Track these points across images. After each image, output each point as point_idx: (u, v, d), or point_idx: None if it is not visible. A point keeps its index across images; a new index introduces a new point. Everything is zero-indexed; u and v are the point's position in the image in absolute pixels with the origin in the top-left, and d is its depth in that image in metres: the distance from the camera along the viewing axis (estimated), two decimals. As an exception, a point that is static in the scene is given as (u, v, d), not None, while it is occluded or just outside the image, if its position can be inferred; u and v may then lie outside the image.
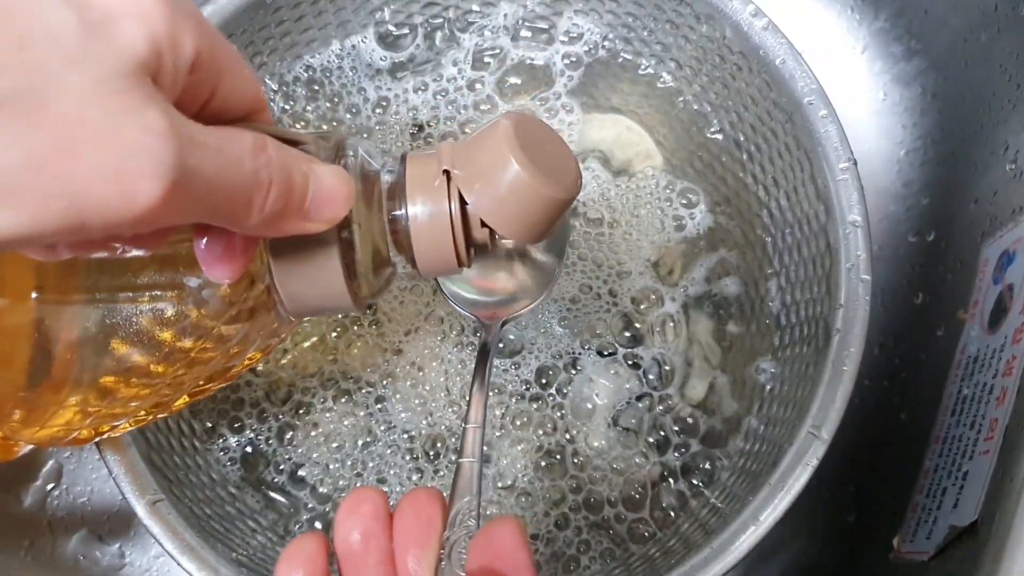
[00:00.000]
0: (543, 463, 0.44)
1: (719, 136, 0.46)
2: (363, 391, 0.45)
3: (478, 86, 0.47)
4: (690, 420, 0.44)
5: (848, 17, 0.51)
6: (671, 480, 0.43)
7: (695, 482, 0.43)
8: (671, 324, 0.45)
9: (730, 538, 0.37)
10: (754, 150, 0.44)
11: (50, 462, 0.50)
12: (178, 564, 0.38)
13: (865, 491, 0.47)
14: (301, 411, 0.45)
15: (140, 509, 0.38)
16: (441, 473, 0.44)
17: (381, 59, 0.47)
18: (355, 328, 0.45)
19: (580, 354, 0.45)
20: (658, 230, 0.46)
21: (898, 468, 0.43)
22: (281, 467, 0.44)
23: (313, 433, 0.44)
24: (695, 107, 0.46)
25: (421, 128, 0.47)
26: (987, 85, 0.44)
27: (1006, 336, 0.37)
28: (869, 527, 0.45)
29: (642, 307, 0.45)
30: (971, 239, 0.43)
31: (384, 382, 0.45)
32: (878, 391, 0.47)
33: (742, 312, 0.45)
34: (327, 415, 0.45)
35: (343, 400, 0.45)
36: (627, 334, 0.45)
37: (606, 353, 0.45)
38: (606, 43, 0.47)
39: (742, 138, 0.45)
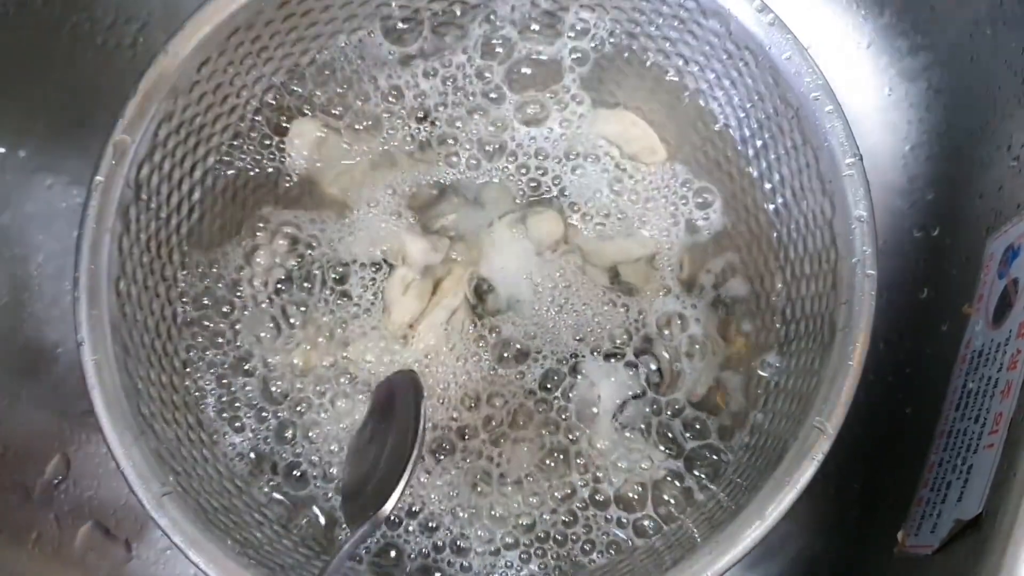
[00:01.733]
0: (549, 462, 0.44)
1: (725, 131, 0.46)
2: (361, 392, 0.45)
3: (487, 74, 0.47)
4: (695, 416, 0.44)
5: (854, 12, 0.51)
6: (677, 475, 0.44)
7: (700, 477, 0.43)
8: (678, 320, 0.45)
9: (736, 532, 0.37)
10: (760, 145, 0.44)
11: (57, 456, 0.50)
12: (185, 557, 0.38)
13: (870, 485, 0.47)
14: (299, 409, 0.45)
15: (147, 502, 0.38)
16: (439, 472, 0.44)
17: (389, 53, 0.47)
18: (355, 328, 0.45)
19: (586, 353, 0.45)
20: (665, 228, 0.46)
21: (903, 462, 0.43)
22: (281, 464, 0.44)
23: (312, 433, 0.44)
24: (701, 102, 0.46)
25: (427, 115, 0.47)
26: (992, 80, 0.44)
27: (1011, 330, 0.37)
28: (874, 521, 0.45)
29: (649, 305, 0.45)
30: (976, 234, 0.43)
31: (390, 371, 0.45)
32: (883, 386, 0.47)
33: (748, 307, 0.45)
34: (324, 415, 0.45)
35: (341, 401, 0.45)
36: (634, 331, 0.45)
37: (613, 349, 0.45)
38: (612, 38, 0.47)
39: (748, 133, 0.45)
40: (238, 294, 0.46)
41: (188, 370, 0.44)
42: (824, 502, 0.48)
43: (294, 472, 0.44)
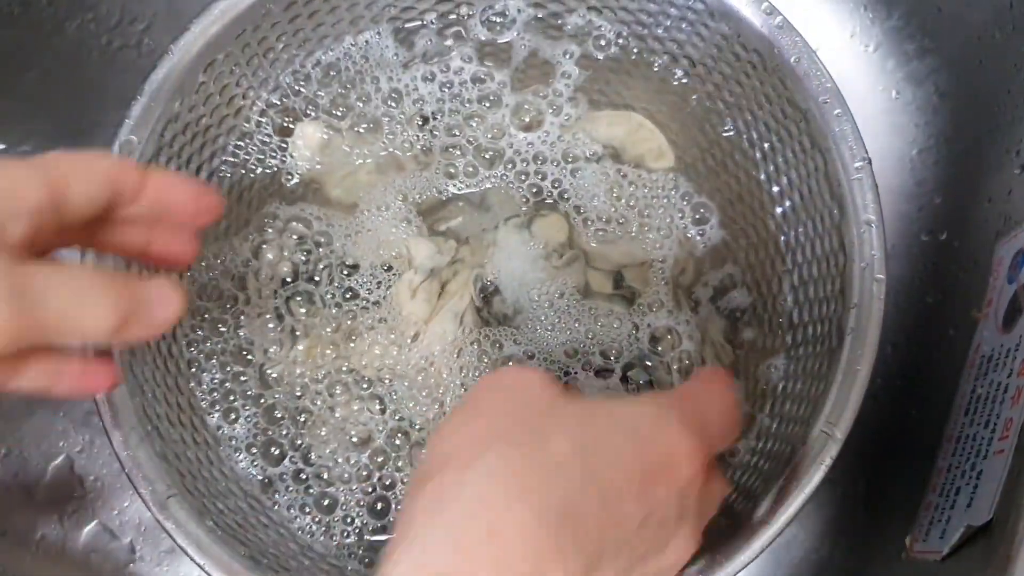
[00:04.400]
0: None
1: (732, 134, 0.46)
2: (373, 390, 0.45)
3: (484, 77, 0.47)
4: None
5: (861, 15, 0.51)
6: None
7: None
8: (683, 326, 0.45)
9: (742, 537, 0.37)
10: (768, 148, 0.44)
11: (61, 457, 0.50)
12: (190, 559, 0.38)
13: (877, 490, 0.47)
14: (311, 411, 0.45)
15: (152, 504, 0.38)
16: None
17: (393, 55, 0.47)
18: (365, 327, 0.45)
19: (585, 363, 0.45)
20: (666, 234, 0.46)
21: (911, 467, 0.43)
22: (289, 464, 0.44)
23: (318, 432, 0.44)
24: (708, 104, 0.46)
25: (427, 120, 0.47)
26: (1001, 83, 0.44)
27: (1020, 336, 0.37)
28: (881, 526, 0.45)
29: (642, 318, 0.45)
30: (985, 238, 0.43)
31: (395, 380, 0.45)
32: (891, 390, 0.47)
33: (755, 311, 0.45)
34: (336, 413, 0.44)
35: (355, 400, 0.45)
36: (626, 347, 0.45)
37: (614, 358, 0.45)
38: (620, 40, 0.47)
39: (756, 136, 0.45)
40: (244, 288, 0.45)
41: (193, 371, 0.44)
42: (831, 507, 0.47)
43: (307, 471, 0.44)
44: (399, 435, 0.44)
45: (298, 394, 0.45)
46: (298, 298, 0.46)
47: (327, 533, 0.43)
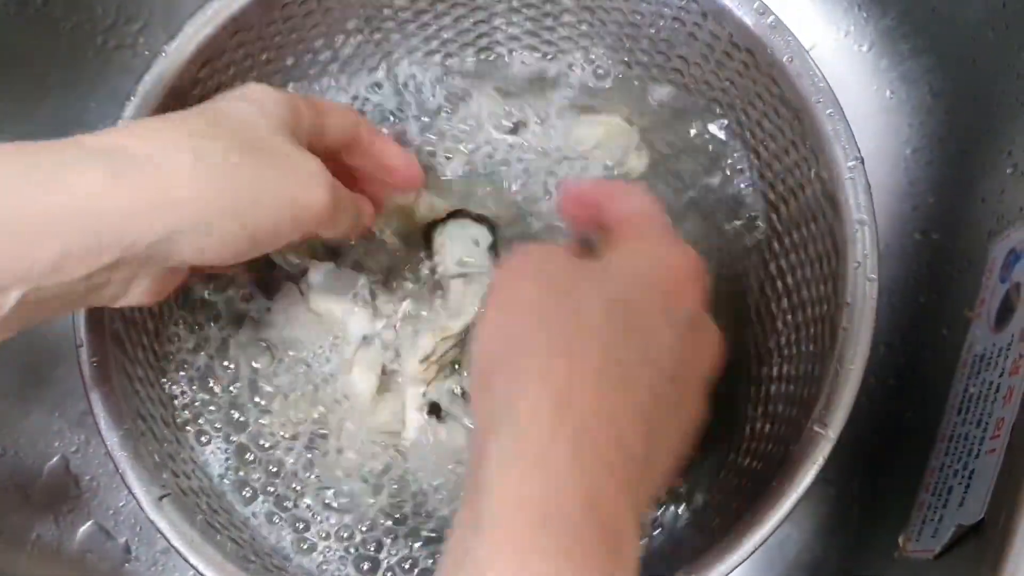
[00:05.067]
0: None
1: (725, 134, 0.46)
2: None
3: (457, 76, 0.48)
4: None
5: (855, 15, 0.51)
6: (677, 479, 0.43)
7: (700, 480, 0.43)
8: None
9: (735, 537, 0.37)
10: (761, 148, 0.44)
11: (56, 457, 0.50)
12: (184, 559, 0.38)
13: (870, 489, 0.47)
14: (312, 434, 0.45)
15: (146, 504, 0.38)
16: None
17: (375, 45, 0.47)
18: (331, 400, 0.45)
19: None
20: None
21: (904, 467, 0.43)
22: (284, 472, 0.44)
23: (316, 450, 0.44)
24: (702, 104, 0.46)
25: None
26: (995, 83, 0.44)
27: (1013, 335, 0.37)
28: (875, 525, 0.45)
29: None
30: (978, 238, 0.43)
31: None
32: (884, 390, 0.47)
33: (747, 313, 0.45)
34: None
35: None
36: None
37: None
38: (610, 38, 0.46)
39: (748, 136, 0.45)
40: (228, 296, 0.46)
41: (182, 373, 0.44)
42: (825, 506, 0.47)
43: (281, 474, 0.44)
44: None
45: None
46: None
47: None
